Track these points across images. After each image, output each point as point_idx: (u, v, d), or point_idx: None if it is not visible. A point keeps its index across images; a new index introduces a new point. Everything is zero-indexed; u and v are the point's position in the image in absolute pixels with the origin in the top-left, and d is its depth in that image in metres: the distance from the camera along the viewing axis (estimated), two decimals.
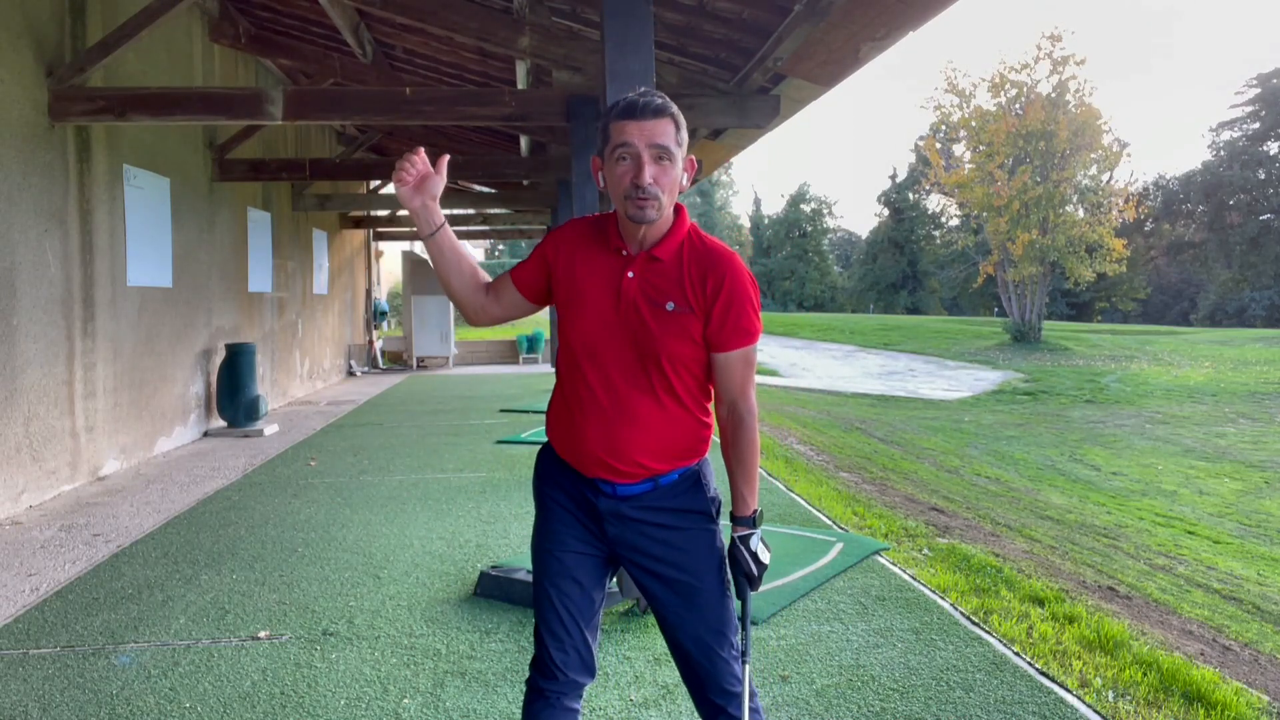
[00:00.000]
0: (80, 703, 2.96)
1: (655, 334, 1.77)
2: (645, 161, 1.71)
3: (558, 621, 1.88)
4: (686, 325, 1.78)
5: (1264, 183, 45.22)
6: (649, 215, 1.73)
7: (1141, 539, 7.73)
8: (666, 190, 1.74)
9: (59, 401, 6.19)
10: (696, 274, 1.79)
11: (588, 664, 1.91)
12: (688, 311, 1.78)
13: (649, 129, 1.71)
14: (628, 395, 1.80)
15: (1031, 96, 29.26)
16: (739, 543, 1.85)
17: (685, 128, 1.79)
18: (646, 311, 1.78)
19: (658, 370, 1.79)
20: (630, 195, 1.72)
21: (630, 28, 3.74)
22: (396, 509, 5.69)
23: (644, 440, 1.81)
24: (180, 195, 8.36)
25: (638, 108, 1.72)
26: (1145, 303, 46.94)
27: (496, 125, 9.93)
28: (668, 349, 1.78)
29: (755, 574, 1.84)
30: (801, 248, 59.01)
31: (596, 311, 1.81)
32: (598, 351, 1.81)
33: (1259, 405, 16.96)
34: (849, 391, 18.73)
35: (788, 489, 6.38)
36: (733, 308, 1.78)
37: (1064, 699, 2.95)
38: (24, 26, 5.88)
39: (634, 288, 1.79)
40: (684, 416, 1.84)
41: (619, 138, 1.72)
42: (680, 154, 1.76)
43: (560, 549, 1.90)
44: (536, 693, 1.91)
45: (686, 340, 1.78)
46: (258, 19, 9.52)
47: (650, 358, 1.79)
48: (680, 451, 1.85)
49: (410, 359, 18.53)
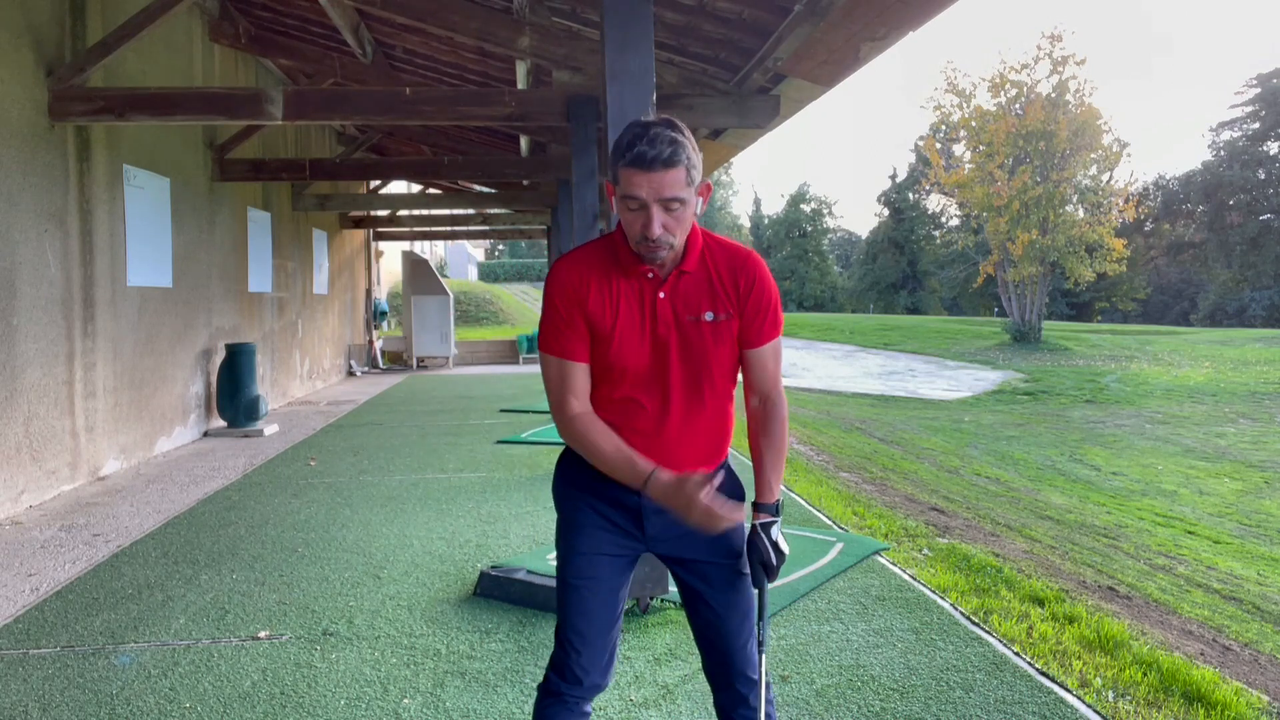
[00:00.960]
0: (80, 703, 2.96)
1: (700, 346, 1.80)
2: (654, 214, 1.67)
3: (586, 623, 1.87)
4: (728, 330, 1.82)
5: (1264, 183, 45.22)
6: (660, 258, 1.74)
7: (1141, 539, 7.72)
8: (678, 233, 1.72)
9: (59, 401, 6.19)
10: (728, 278, 1.81)
11: (609, 668, 1.91)
12: (725, 317, 1.81)
13: (658, 182, 1.65)
14: (680, 412, 1.82)
15: (1031, 96, 29.25)
16: (760, 530, 1.85)
17: (698, 162, 1.72)
18: (689, 326, 1.80)
19: (707, 379, 1.82)
20: (641, 242, 1.71)
21: (630, 28, 3.73)
22: (396, 509, 5.68)
23: (697, 450, 1.85)
24: (180, 195, 8.36)
25: (646, 159, 1.64)
26: (1145, 303, 46.94)
27: (496, 125, 9.92)
28: (716, 357, 1.81)
29: (774, 564, 1.84)
30: (801, 248, 59.01)
31: (635, 337, 1.80)
32: (643, 374, 1.81)
33: (1259, 405, 16.96)
34: (849, 391, 18.73)
35: (788, 489, 6.38)
36: (764, 303, 1.82)
37: (1064, 699, 2.95)
38: (24, 26, 5.88)
39: (668, 307, 1.79)
40: (722, 415, 1.88)
41: (628, 188, 1.67)
42: (692, 192, 1.71)
43: (592, 551, 1.88)
44: (554, 696, 1.89)
45: (729, 345, 1.82)
46: (258, 19, 9.51)
47: (701, 370, 1.81)
48: (720, 447, 1.91)
49: (410, 359, 18.53)
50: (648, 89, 3.75)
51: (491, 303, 30.15)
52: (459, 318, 25.34)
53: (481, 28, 6.11)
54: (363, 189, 17.29)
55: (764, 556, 1.83)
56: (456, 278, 38.60)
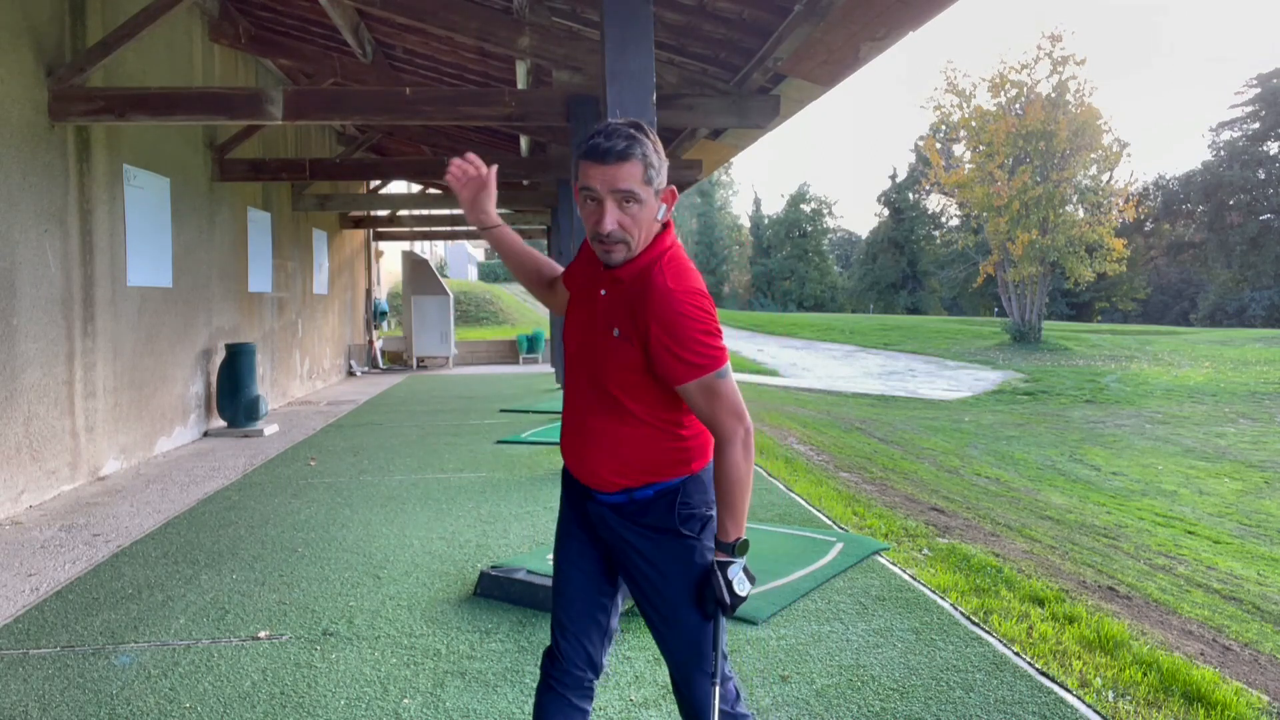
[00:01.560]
0: (80, 703, 2.96)
1: (601, 358, 1.76)
2: (608, 208, 1.66)
3: (567, 613, 1.93)
4: (628, 353, 1.72)
5: (1264, 183, 45.22)
6: (614, 259, 1.73)
7: (1141, 539, 7.73)
8: (634, 232, 1.70)
9: (59, 401, 6.19)
10: (632, 305, 1.71)
11: (592, 660, 1.92)
12: (627, 340, 1.72)
13: (611, 174, 1.65)
14: (586, 412, 1.82)
15: (1031, 96, 29.26)
16: (716, 569, 1.77)
17: (659, 163, 1.70)
18: (601, 334, 1.77)
19: (609, 392, 1.76)
20: (595, 238, 1.71)
21: (630, 28, 3.74)
22: (396, 509, 5.69)
23: (604, 457, 1.81)
24: (180, 195, 8.36)
25: (599, 151, 1.65)
26: (1145, 303, 46.94)
27: (496, 125, 9.92)
28: (614, 375, 1.74)
29: (727, 602, 1.75)
30: (801, 248, 59.00)
31: (577, 326, 1.85)
32: (574, 364, 1.86)
33: (1259, 405, 16.96)
34: (849, 391, 18.72)
35: (788, 489, 6.37)
36: (663, 343, 1.67)
37: (1064, 699, 2.95)
38: (24, 26, 5.88)
39: (601, 307, 1.80)
40: (647, 435, 1.78)
41: (583, 179, 1.68)
42: (650, 192, 1.69)
43: (568, 541, 1.96)
44: (543, 682, 1.96)
45: (629, 367, 1.72)
46: (258, 19, 9.51)
47: (601, 379, 1.77)
48: (648, 468, 1.79)
49: (410, 359, 18.53)
50: (648, 89, 3.75)
51: (491, 303, 30.16)
52: (459, 318, 25.34)
53: (481, 28, 6.11)
54: (363, 189, 17.30)
55: (717, 593, 1.76)
56: (456, 278, 38.60)
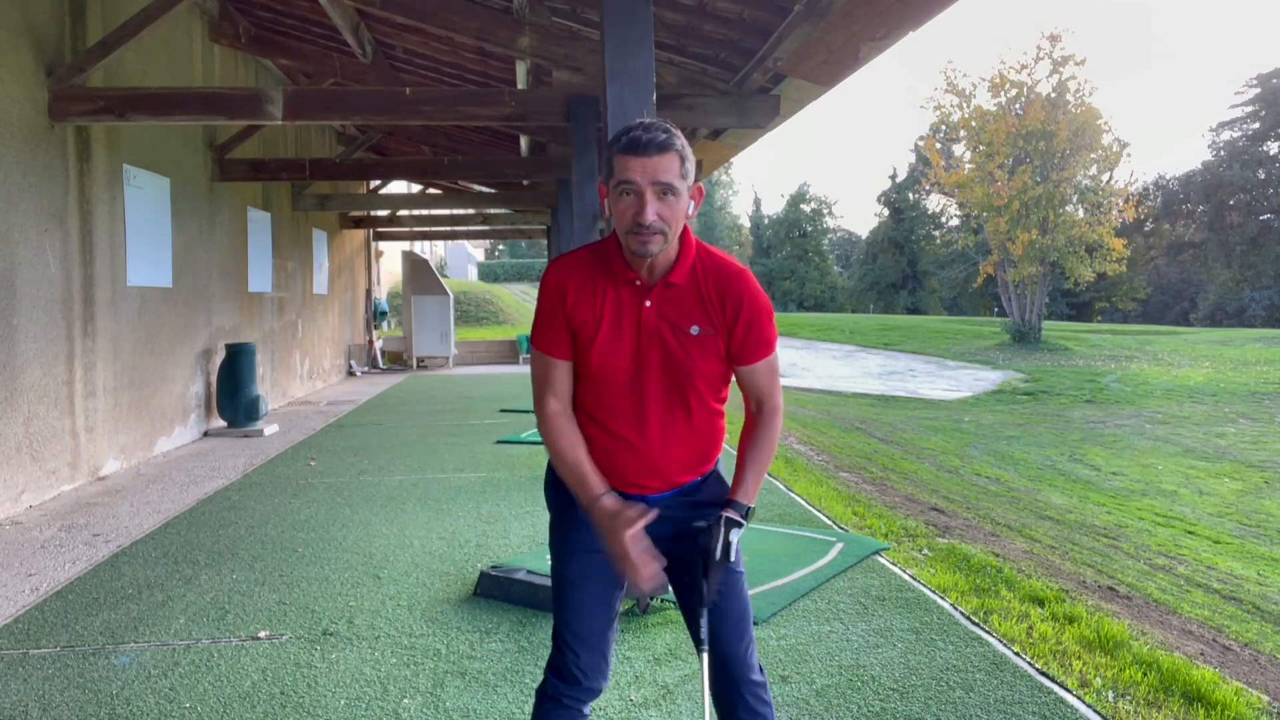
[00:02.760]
0: (80, 703, 2.96)
1: (684, 358, 1.79)
2: (648, 199, 1.69)
3: (584, 624, 1.88)
4: (714, 345, 1.80)
5: (1264, 183, 45.22)
6: (651, 250, 1.72)
7: (1141, 539, 7.72)
8: (671, 224, 1.72)
9: (59, 401, 6.19)
10: (715, 295, 1.80)
11: (607, 669, 1.91)
12: (712, 333, 1.80)
13: (652, 166, 1.69)
14: (662, 421, 1.82)
15: (1031, 96, 29.26)
16: (720, 523, 1.77)
17: (691, 158, 1.77)
18: (671, 338, 1.79)
19: (693, 391, 1.82)
20: (633, 231, 1.71)
21: (630, 28, 3.74)
22: (396, 509, 5.69)
23: (680, 459, 1.85)
24: (180, 195, 8.36)
25: (640, 144, 1.69)
26: (1145, 303, 46.94)
27: (496, 125, 9.92)
28: (700, 371, 1.80)
29: (716, 559, 1.75)
30: (801, 248, 59.01)
31: (620, 344, 1.80)
32: (626, 382, 1.81)
33: (1259, 405, 16.96)
34: (849, 391, 18.72)
35: (788, 489, 6.38)
36: (754, 324, 1.80)
37: (1064, 699, 2.95)
38: (24, 26, 5.88)
39: (654, 316, 1.79)
40: (706, 424, 1.87)
41: (622, 174, 1.70)
42: (685, 186, 1.74)
43: (587, 549, 1.88)
44: (553, 700, 1.89)
45: (714, 359, 1.81)
46: (258, 19, 9.52)
47: (684, 382, 1.81)
48: (704, 459, 1.90)
49: (410, 359, 18.53)
50: (648, 89, 3.75)
51: (491, 303, 30.16)
52: (459, 318, 25.34)
53: (481, 28, 6.11)
54: (363, 189, 17.29)
55: (708, 545, 1.76)
56: (456, 278, 38.61)
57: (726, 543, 1.76)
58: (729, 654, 1.88)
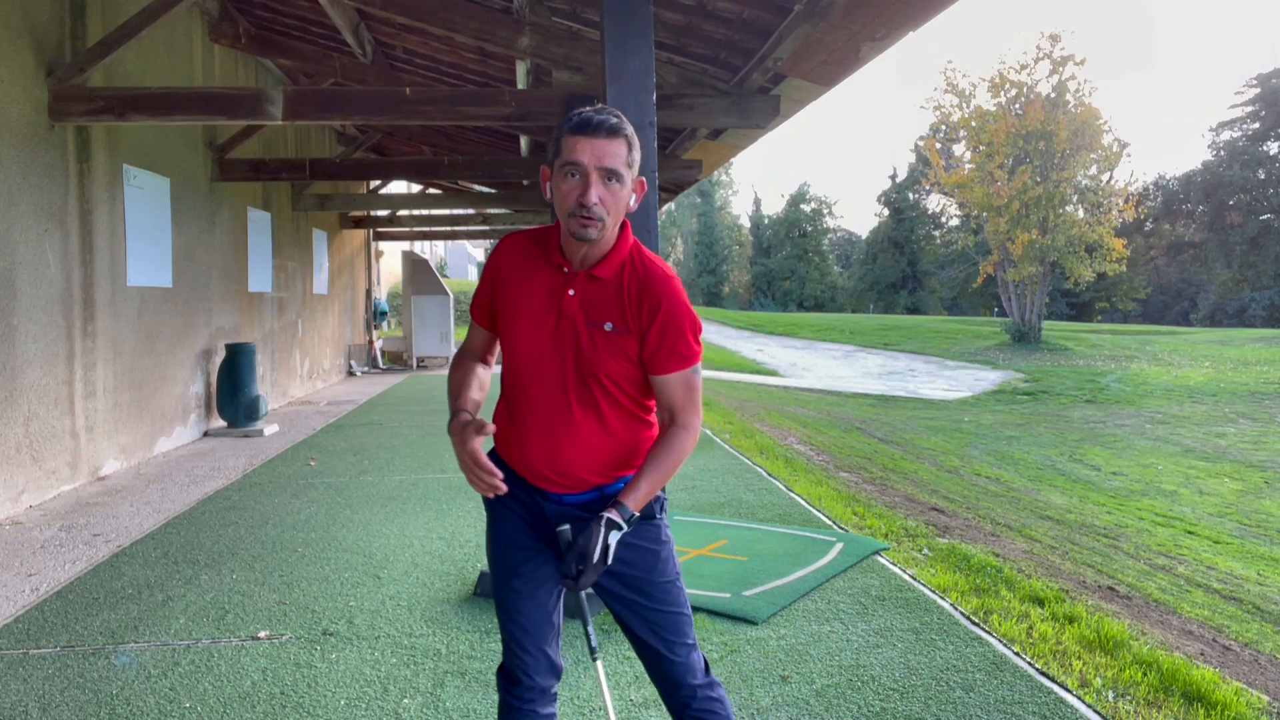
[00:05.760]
0: (80, 703, 2.96)
1: (592, 353, 1.78)
2: (592, 182, 1.69)
3: (516, 624, 1.87)
4: (623, 346, 1.77)
5: (1264, 183, 45.23)
6: (590, 235, 1.72)
7: (1141, 539, 7.72)
8: (612, 212, 1.73)
9: (59, 401, 6.19)
10: (634, 296, 1.78)
11: (554, 664, 1.90)
12: (625, 332, 1.77)
13: (600, 149, 1.69)
14: (568, 411, 1.80)
15: (1031, 96, 29.27)
16: (602, 524, 1.70)
17: (638, 150, 1.78)
18: (584, 331, 1.78)
19: (598, 386, 1.79)
20: (575, 213, 1.71)
21: (630, 28, 3.74)
22: (396, 509, 5.69)
23: (585, 456, 1.81)
24: (180, 195, 8.36)
25: (591, 124, 1.70)
26: (1145, 303, 46.95)
27: (496, 125, 9.92)
28: (605, 368, 1.78)
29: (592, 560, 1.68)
30: (801, 248, 59.03)
31: (538, 327, 1.81)
32: (538, 367, 1.81)
33: (1259, 405, 16.96)
34: (849, 391, 18.72)
35: (788, 489, 6.37)
36: (669, 332, 1.76)
37: (1064, 699, 2.95)
38: (24, 26, 5.88)
39: (574, 306, 1.79)
40: (624, 429, 1.83)
41: (569, 154, 1.71)
42: (630, 175, 1.75)
43: (514, 550, 1.89)
44: (504, 703, 1.90)
45: (624, 360, 1.78)
46: (258, 19, 9.51)
47: (589, 375, 1.78)
48: (622, 462, 1.85)
49: (410, 359, 18.53)
50: (648, 89, 3.75)
51: None
52: (459, 318, 25.33)
53: (481, 28, 6.10)
54: (363, 189, 17.29)
55: (584, 546, 1.69)
56: (456, 278, 38.61)
57: (605, 545, 1.70)
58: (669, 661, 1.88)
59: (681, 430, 1.81)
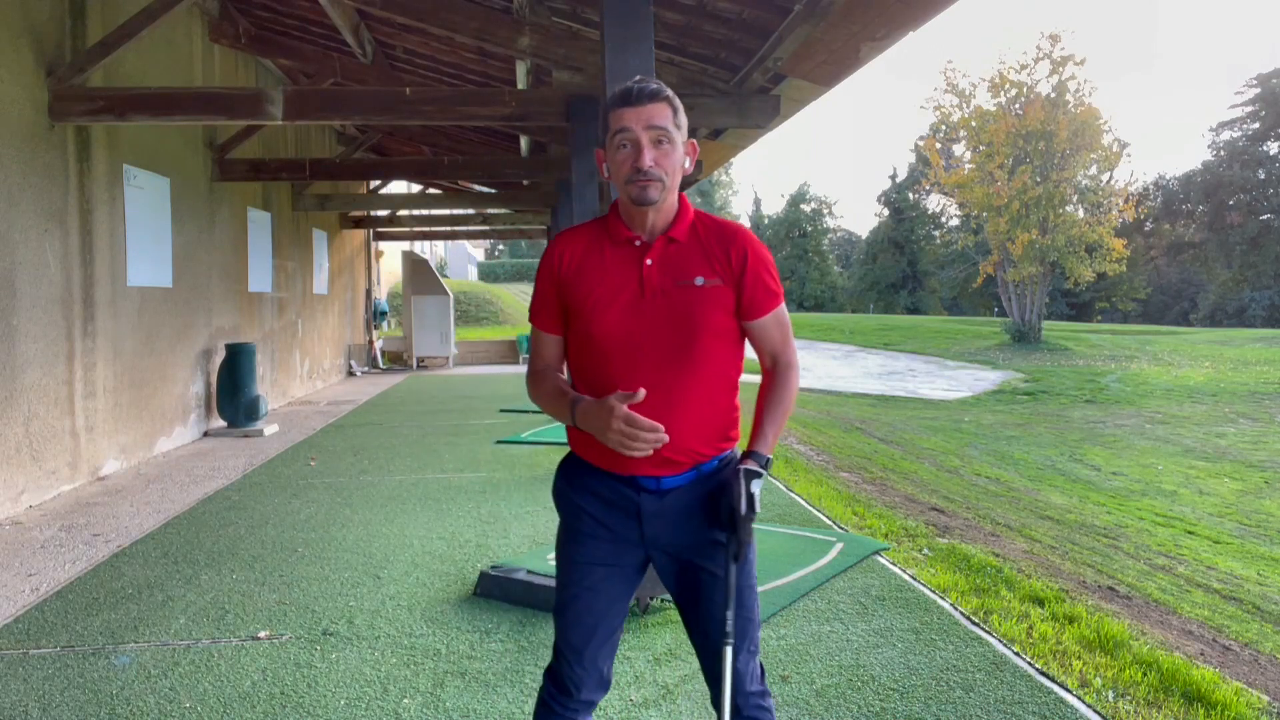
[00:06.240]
0: (80, 703, 2.96)
1: (688, 313, 1.76)
2: (644, 145, 1.73)
3: (580, 636, 1.85)
4: (720, 297, 1.79)
5: (1264, 183, 45.22)
6: (651, 196, 1.73)
7: (1141, 539, 7.72)
8: (669, 172, 1.75)
9: (59, 401, 6.19)
10: (718, 249, 1.81)
11: (604, 681, 1.89)
12: (719, 283, 1.79)
13: (645, 113, 1.73)
14: (672, 381, 1.76)
15: (1031, 96, 29.26)
16: (743, 475, 1.73)
17: (683, 111, 1.81)
18: (675, 291, 1.78)
19: (700, 349, 1.77)
20: (632, 179, 1.73)
21: (630, 28, 3.74)
22: (396, 509, 5.68)
23: (693, 423, 1.78)
24: (180, 195, 8.36)
25: (633, 94, 1.74)
26: (1145, 303, 46.93)
27: (496, 125, 9.93)
28: (707, 324, 1.77)
29: (743, 513, 1.71)
30: (801, 248, 58.99)
31: (621, 304, 1.78)
32: (631, 344, 1.77)
33: (1259, 405, 16.96)
34: (849, 391, 18.72)
35: (788, 489, 6.37)
36: (760, 273, 1.81)
37: (1064, 699, 2.95)
38: (24, 26, 5.88)
39: (655, 272, 1.78)
40: (721, 395, 1.82)
41: (617, 125, 1.74)
42: (680, 136, 1.78)
43: (591, 561, 1.85)
44: (546, 707, 1.89)
45: (722, 310, 1.79)
46: (258, 19, 9.52)
47: (691, 338, 1.76)
48: (721, 432, 1.84)
49: (410, 359, 18.53)
50: None
51: (491, 303, 30.15)
52: (459, 318, 25.33)
53: (481, 28, 6.11)
54: (363, 189, 17.29)
55: (734, 500, 1.72)
56: (456, 278, 38.60)
57: (750, 494, 1.72)
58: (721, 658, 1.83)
59: (788, 368, 1.86)
